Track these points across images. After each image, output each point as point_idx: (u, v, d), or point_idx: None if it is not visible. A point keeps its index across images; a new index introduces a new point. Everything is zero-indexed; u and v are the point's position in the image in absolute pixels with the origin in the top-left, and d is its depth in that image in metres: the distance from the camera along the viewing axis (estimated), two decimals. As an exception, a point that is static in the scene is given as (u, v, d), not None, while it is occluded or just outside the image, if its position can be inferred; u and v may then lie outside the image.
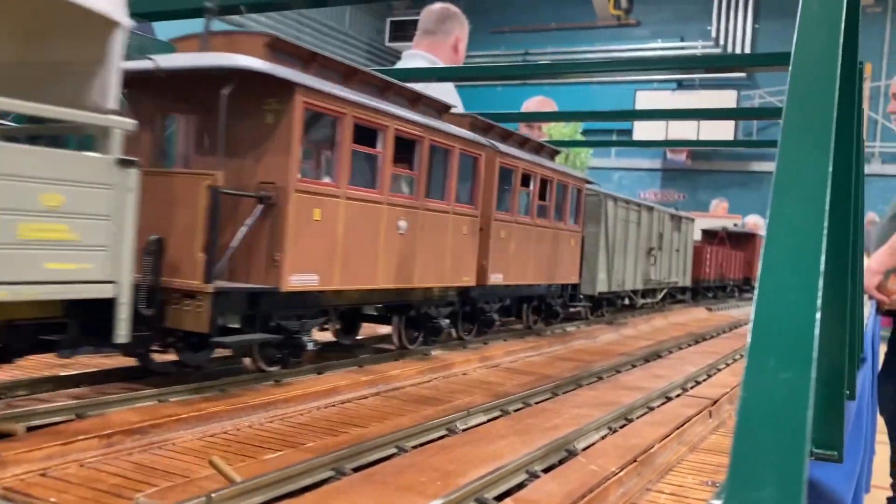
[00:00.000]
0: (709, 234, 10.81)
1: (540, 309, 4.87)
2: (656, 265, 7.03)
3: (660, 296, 7.46)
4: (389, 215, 3.14)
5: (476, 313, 4.05)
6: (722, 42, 22.86)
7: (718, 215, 15.45)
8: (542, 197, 4.68)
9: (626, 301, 6.74)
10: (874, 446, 6.07)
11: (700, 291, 9.05)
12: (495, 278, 3.96)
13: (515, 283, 4.28)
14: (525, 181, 4.40)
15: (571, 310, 5.44)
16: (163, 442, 2.02)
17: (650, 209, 6.99)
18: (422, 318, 3.57)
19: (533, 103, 8.84)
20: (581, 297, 5.57)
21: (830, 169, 1.11)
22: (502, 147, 4.13)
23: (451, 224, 3.58)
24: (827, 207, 1.09)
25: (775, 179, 1.12)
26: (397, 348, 3.53)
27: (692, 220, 8.13)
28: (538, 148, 4.89)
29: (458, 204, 3.65)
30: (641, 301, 6.90)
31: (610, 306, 6.27)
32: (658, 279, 7.23)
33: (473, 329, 4.09)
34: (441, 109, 3.72)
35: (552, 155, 5.20)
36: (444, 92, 6.12)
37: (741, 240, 11.27)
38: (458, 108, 6.35)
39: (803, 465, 0.90)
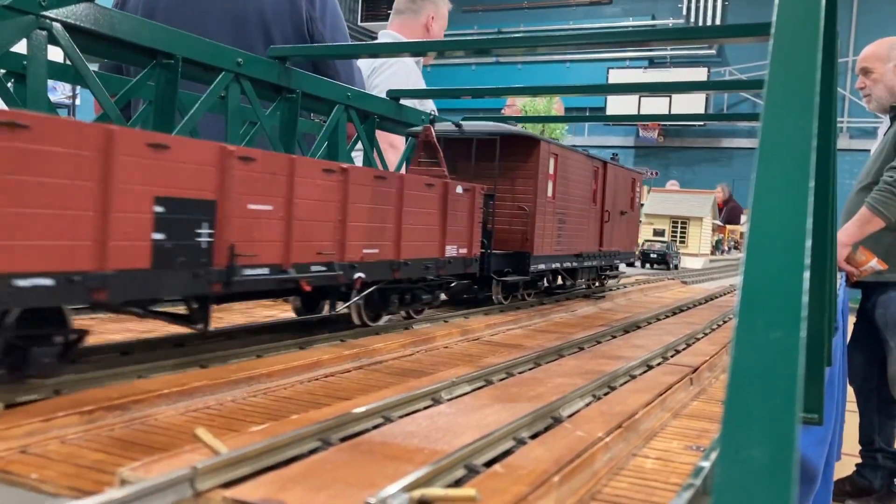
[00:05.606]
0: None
1: None
2: None
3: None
4: None
5: None
6: (693, 19, 22.99)
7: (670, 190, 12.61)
8: None
9: None
10: (844, 415, 6.21)
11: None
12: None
13: None
14: None
15: None
16: (144, 417, 1.99)
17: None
18: None
19: None
20: None
21: (815, 130, 1.11)
22: None
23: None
24: (812, 170, 1.09)
25: (760, 142, 1.12)
26: None
27: None
28: None
29: None
30: None
31: None
32: None
33: None
34: None
35: None
36: (407, 72, 6.07)
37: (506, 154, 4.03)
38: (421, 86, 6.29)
39: (795, 423, 0.90)
